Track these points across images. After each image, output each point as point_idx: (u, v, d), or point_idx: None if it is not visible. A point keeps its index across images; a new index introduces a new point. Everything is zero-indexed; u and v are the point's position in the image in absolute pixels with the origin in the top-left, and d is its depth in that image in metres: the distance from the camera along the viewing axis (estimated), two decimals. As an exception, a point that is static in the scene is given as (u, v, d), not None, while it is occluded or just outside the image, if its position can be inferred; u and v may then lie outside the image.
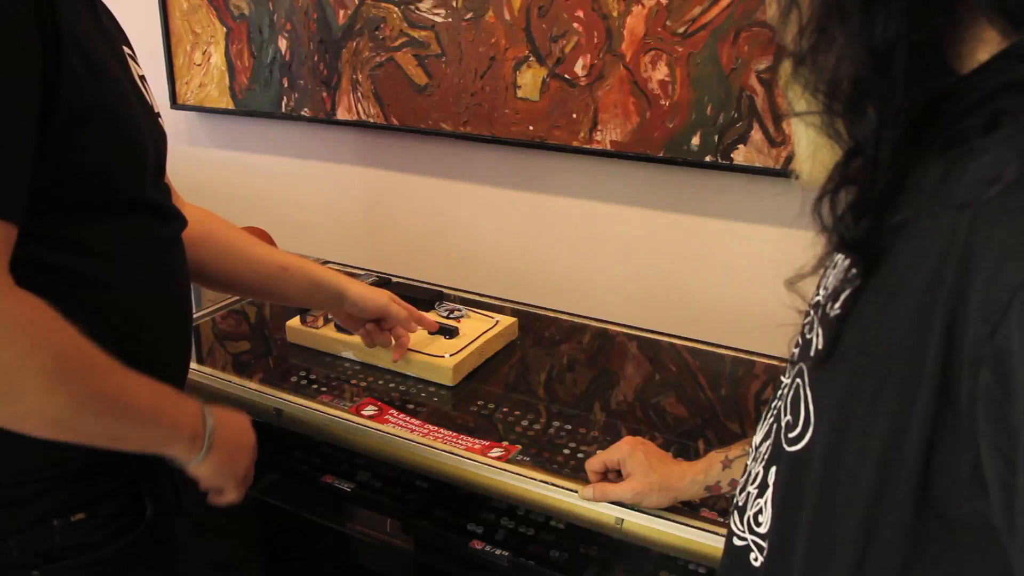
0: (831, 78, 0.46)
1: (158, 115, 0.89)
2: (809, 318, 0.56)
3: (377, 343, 1.22)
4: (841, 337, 0.49)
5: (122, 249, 0.81)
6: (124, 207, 0.82)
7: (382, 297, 1.18)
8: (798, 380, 0.54)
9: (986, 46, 0.45)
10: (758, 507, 0.58)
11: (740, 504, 0.62)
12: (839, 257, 0.54)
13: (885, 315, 0.45)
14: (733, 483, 0.90)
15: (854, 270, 0.49)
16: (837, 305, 0.50)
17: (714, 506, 0.96)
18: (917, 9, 0.43)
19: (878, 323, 0.46)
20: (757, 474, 0.60)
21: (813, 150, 0.52)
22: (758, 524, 0.58)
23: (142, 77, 0.88)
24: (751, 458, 0.63)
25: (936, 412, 0.42)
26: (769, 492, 0.57)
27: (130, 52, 0.89)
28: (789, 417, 0.55)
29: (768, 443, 0.59)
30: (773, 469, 0.57)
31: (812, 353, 0.52)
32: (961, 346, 0.40)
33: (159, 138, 0.88)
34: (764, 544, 0.57)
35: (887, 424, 0.44)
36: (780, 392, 0.59)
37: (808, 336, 0.54)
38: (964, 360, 0.40)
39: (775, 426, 0.58)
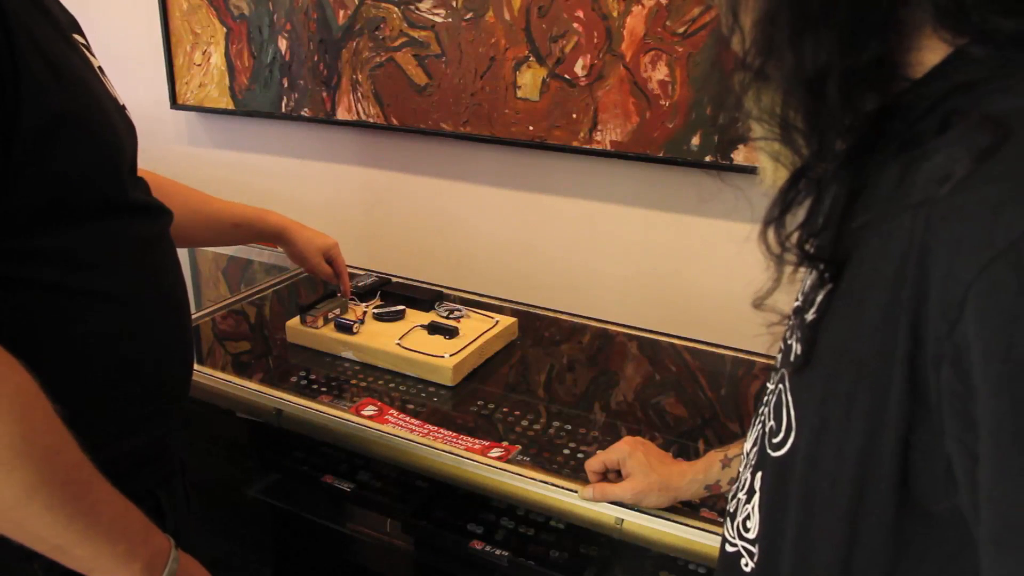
0: (776, 108, 0.48)
1: (123, 108, 0.84)
2: (790, 323, 0.56)
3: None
4: (816, 342, 0.49)
5: (110, 255, 0.78)
6: (106, 211, 0.77)
7: (313, 258, 1.36)
8: (780, 386, 0.55)
9: (935, 52, 0.46)
10: (746, 513, 0.59)
11: (731, 511, 0.63)
12: None
13: (854, 317, 0.46)
14: (733, 482, 0.90)
15: (825, 274, 0.49)
16: (812, 310, 0.51)
17: (714, 506, 0.96)
18: (848, 39, 0.44)
19: (848, 326, 0.47)
20: (746, 480, 0.60)
21: (775, 159, 0.53)
22: (747, 530, 0.59)
23: (100, 68, 0.82)
24: (742, 464, 0.63)
25: (909, 411, 0.42)
26: (756, 498, 0.57)
27: (83, 41, 0.82)
28: (772, 423, 0.55)
29: (755, 449, 0.59)
30: (759, 475, 0.57)
31: (792, 359, 0.53)
32: (925, 344, 0.40)
33: (131, 133, 0.83)
34: (754, 549, 0.58)
35: (862, 425, 0.45)
36: (765, 398, 0.59)
37: (789, 342, 0.55)
38: (929, 358, 0.40)
39: (761, 432, 0.58)
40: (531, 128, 1.59)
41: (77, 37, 0.81)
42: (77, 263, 0.75)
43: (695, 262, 1.57)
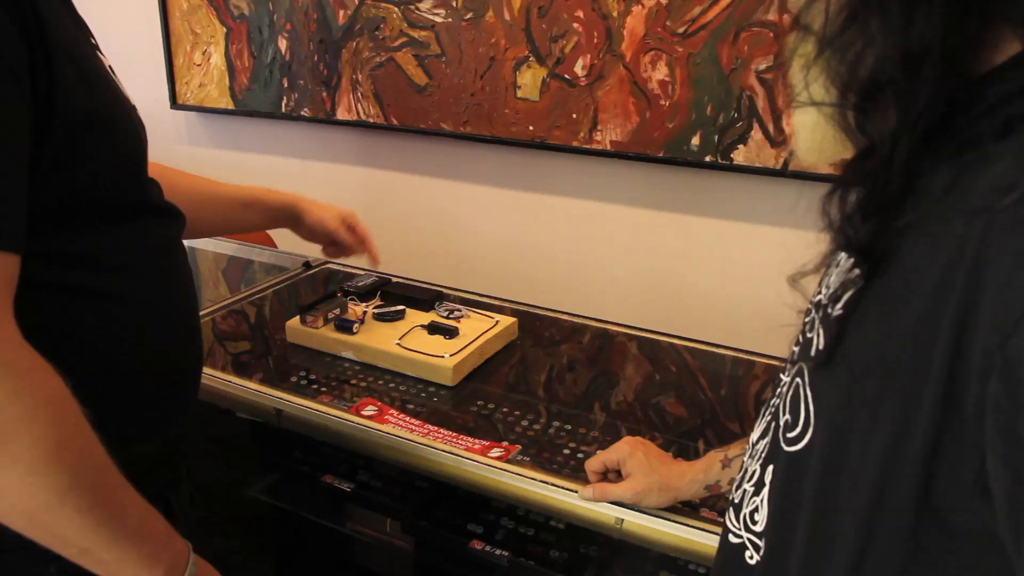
0: (854, 70, 0.45)
1: (134, 107, 0.84)
2: (810, 317, 0.55)
3: (342, 255, 1.34)
4: (843, 338, 0.48)
5: (131, 257, 0.78)
6: (128, 213, 0.78)
7: (333, 222, 1.28)
8: (798, 379, 0.54)
9: (1004, 51, 0.44)
10: (754, 505, 0.58)
11: (736, 501, 0.62)
12: (842, 256, 0.53)
13: (889, 319, 0.45)
14: (733, 482, 0.90)
15: (857, 271, 0.48)
16: (839, 306, 0.49)
17: (714, 506, 0.96)
18: (955, 15, 0.42)
19: (882, 326, 0.45)
20: (754, 472, 0.60)
21: (818, 141, 0.50)
22: (754, 522, 0.58)
23: (111, 68, 0.83)
24: (748, 455, 0.62)
25: (940, 419, 0.41)
26: (766, 491, 0.57)
27: (94, 42, 0.83)
28: (788, 416, 0.54)
29: (766, 441, 0.59)
30: (770, 468, 0.57)
31: (813, 353, 0.52)
32: (970, 354, 0.39)
33: (144, 133, 0.84)
34: (760, 543, 0.57)
35: (890, 429, 0.44)
36: (779, 390, 0.59)
37: (808, 335, 0.54)
38: (972, 369, 0.39)
39: (773, 424, 0.58)
40: (531, 128, 1.59)
41: (91, 39, 0.81)
42: (102, 266, 0.75)
43: (695, 262, 1.57)
